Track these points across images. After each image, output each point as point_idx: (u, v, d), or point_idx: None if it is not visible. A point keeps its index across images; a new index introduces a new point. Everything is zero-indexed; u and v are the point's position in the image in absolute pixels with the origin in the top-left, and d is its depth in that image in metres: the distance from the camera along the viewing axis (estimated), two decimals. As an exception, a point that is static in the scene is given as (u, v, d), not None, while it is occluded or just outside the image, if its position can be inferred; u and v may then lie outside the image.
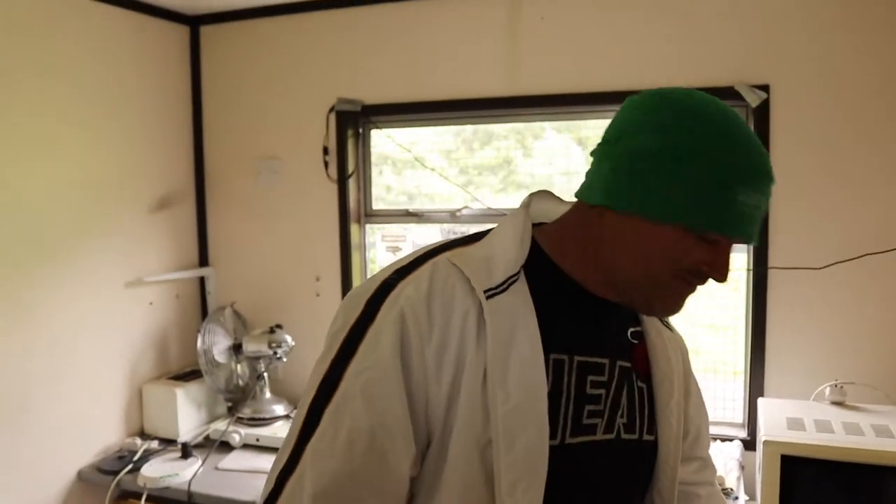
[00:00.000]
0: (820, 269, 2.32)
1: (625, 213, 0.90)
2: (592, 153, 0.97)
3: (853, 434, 1.92)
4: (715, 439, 2.40)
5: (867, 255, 2.27)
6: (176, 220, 3.05)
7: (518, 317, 0.91)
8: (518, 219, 1.00)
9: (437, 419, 0.89)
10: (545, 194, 1.07)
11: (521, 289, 0.93)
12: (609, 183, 0.91)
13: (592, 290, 0.98)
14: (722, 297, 2.63)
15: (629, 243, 0.91)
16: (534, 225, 1.02)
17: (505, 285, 0.92)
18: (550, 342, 0.93)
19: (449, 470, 0.89)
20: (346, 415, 0.87)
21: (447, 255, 0.95)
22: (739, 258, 2.47)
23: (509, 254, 0.95)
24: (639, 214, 0.89)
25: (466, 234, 1.03)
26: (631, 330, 1.06)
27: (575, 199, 1.01)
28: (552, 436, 0.91)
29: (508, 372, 0.88)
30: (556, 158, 2.81)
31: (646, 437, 1.05)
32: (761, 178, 0.87)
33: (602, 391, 0.98)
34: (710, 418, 2.48)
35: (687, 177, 0.86)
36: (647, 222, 0.89)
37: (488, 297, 0.90)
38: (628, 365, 1.03)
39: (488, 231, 1.02)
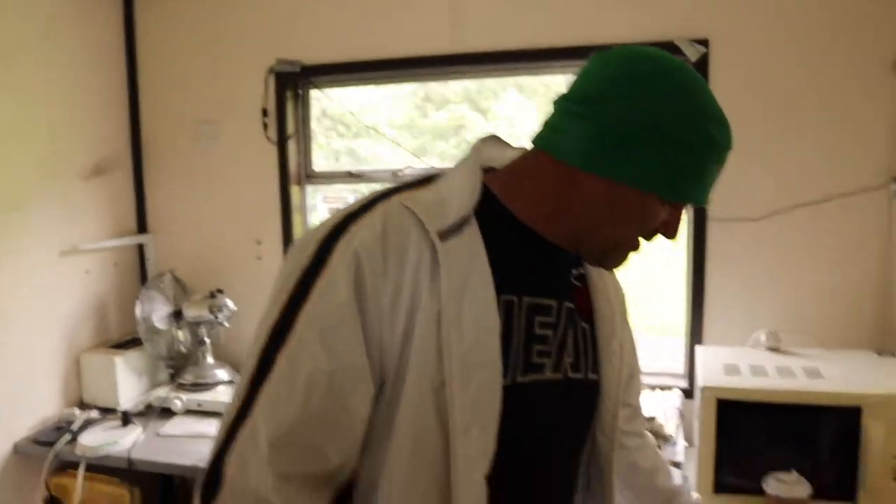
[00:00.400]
0: (757, 220, 2.36)
1: (603, 177, 0.91)
2: (556, 104, 0.96)
3: (786, 377, 1.96)
4: (655, 388, 2.44)
5: (800, 206, 2.32)
6: (112, 186, 2.97)
7: (471, 259, 0.91)
8: (468, 162, 1.00)
9: (391, 362, 0.88)
10: (494, 139, 1.07)
11: (473, 231, 0.93)
12: (591, 147, 0.90)
13: (541, 234, 0.99)
14: (665, 250, 2.65)
15: (604, 206, 0.93)
16: (484, 170, 1.01)
17: (457, 227, 0.92)
18: (502, 284, 0.93)
19: (402, 413, 0.88)
20: (304, 359, 0.85)
21: (398, 197, 0.94)
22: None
23: (461, 196, 0.95)
24: (620, 182, 0.90)
25: (416, 178, 1.02)
26: (574, 272, 1.08)
27: (524, 146, 1.02)
28: (503, 375, 0.91)
29: (462, 313, 0.88)
30: (510, 123, 2.80)
31: (590, 375, 1.07)
32: (726, 151, 0.93)
33: (550, 332, 0.99)
34: (652, 370, 2.54)
35: (671, 153, 0.89)
36: (627, 189, 0.91)
37: (442, 240, 0.89)
38: (573, 306, 1.05)
39: (438, 175, 1.02)
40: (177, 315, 2.81)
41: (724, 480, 1.92)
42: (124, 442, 2.40)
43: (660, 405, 2.32)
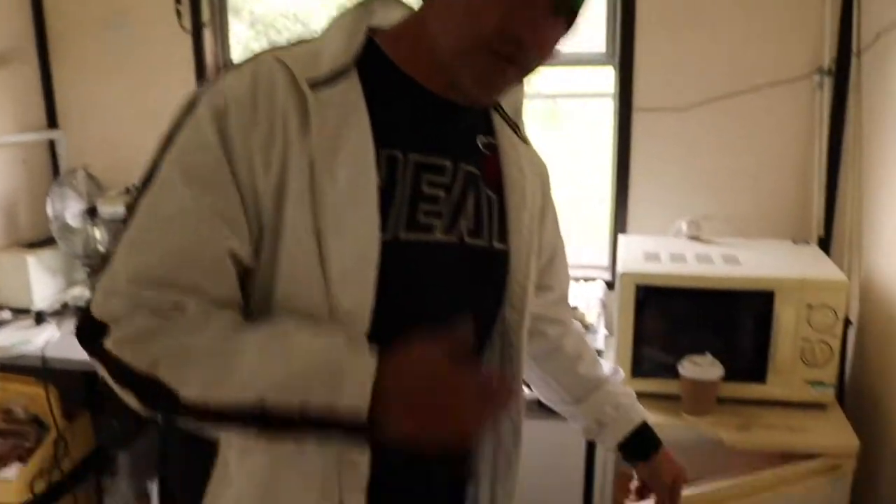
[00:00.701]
0: (683, 110, 2.34)
1: None
2: None
3: (704, 263, 1.98)
4: (579, 279, 2.45)
5: (726, 96, 2.31)
6: (15, 79, 2.79)
7: (347, 111, 0.88)
8: (349, 13, 0.95)
9: (267, 206, 0.86)
10: (392, 1, 1.01)
11: (353, 85, 0.90)
12: None
13: (435, 91, 0.95)
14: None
15: (445, 13, 0.89)
16: (375, 30, 0.96)
17: (333, 78, 0.88)
18: (385, 139, 0.90)
19: (284, 257, 0.86)
20: (165, 198, 0.84)
21: (273, 52, 0.90)
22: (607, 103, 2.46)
23: (336, 45, 0.91)
24: None
25: (299, 39, 0.97)
26: (483, 140, 1.03)
27: None
28: (383, 230, 0.88)
29: (336, 164, 0.86)
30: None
31: (496, 244, 1.03)
32: None
33: (441, 192, 0.95)
34: (578, 261, 2.55)
35: None
36: None
37: (313, 89, 0.86)
38: (476, 172, 1.00)
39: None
40: (91, 212, 2.69)
41: (642, 364, 1.95)
42: (37, 341, 2.32)
43: (583, 295, 2.34)
